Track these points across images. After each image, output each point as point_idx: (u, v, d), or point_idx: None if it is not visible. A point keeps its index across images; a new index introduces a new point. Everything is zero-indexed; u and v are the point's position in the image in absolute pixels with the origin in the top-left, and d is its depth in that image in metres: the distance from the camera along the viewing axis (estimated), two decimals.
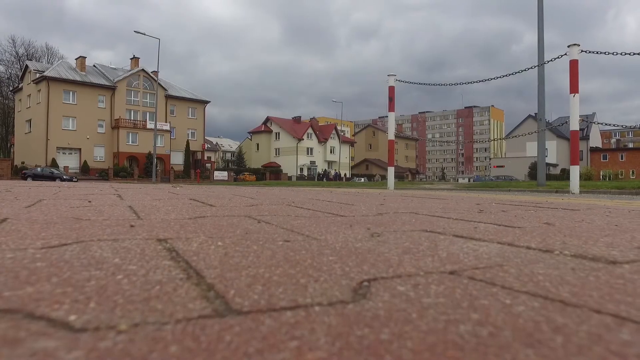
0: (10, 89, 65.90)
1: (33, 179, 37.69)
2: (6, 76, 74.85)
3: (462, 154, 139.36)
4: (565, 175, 45.19)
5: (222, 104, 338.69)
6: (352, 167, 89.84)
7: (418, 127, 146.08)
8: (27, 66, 54.52)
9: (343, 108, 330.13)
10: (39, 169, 38.21)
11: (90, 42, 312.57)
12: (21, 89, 56.22)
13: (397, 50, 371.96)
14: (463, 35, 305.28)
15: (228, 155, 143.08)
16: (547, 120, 64.28)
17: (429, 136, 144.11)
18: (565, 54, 4.20)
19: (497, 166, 64.98)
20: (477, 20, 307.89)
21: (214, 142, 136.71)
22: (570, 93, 3.13)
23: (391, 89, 4.28)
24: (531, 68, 7.20)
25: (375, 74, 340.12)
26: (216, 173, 55.32)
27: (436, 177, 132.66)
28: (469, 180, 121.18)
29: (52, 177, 37.34)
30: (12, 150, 59.21)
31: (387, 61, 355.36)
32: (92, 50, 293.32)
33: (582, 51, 3.71)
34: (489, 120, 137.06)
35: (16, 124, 58.86)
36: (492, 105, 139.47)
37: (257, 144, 77.11)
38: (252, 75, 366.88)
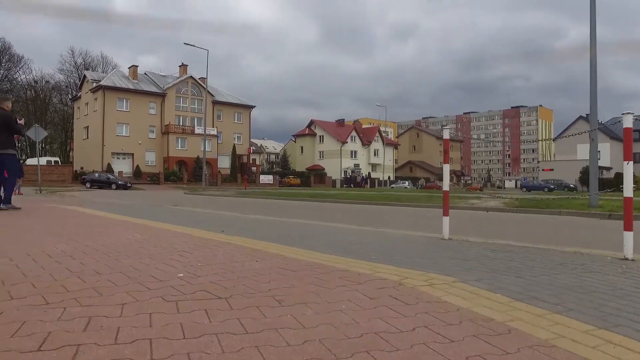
0: (70, 97, 69.35)
1: (91, 184, 39.84)
2: (65, 84, 78.96)
3: (509, 155, 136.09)
4: (619, 180, 43.58)
5: (264, 106, 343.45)
6: (396, 170, 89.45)
7: (463, 127, 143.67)
8: (85, 76, 57.25)
9: (382, 108, 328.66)
10: (96, 175, 40.20)
11: (136, 48, 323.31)
12: (79, 97, 59.14)
13: (434, 49, 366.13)
14: (503, 32, 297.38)
15: (272, 157, 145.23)
16: (599, 121, 61.96)
17: (474, 137, 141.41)
18: (619, 121, 4.35)
19: (547, 169, 63.16)
20: (518, 15, 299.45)
21: (259, 145, 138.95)
22: (625, 160, 3.33)
23: (446, 142, 4.52)
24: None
25: (414, 73, 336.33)
26: (262, 177, 56.43)
27: (482, 178, 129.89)
28: (516, 185, 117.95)
29: (108, 183, 39.26)
30: (71, 155, 62.29)
31: (425, 61, 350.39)
32: (138, 55, 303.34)
33: (636, 118, 3.90)
34: (537, 120, 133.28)
35: (75, 130, 62.00)
36: (541, 105, 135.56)
37: (302, 147, 78.01)
38: (292, 77, 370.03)
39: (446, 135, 4.85)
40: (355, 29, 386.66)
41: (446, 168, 4.79)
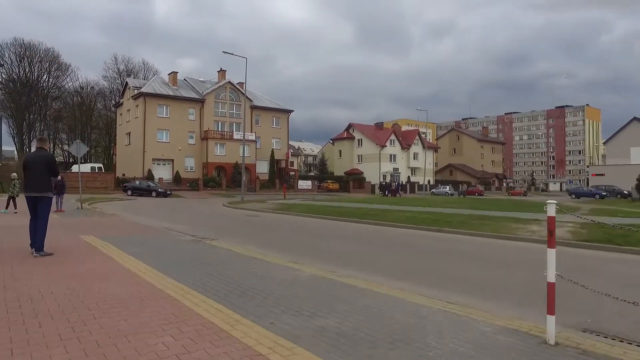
0: (113, 103, 70.84)
1: (132, 192, 40.18)
2: (109, 90, 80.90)
3: (553, 157, 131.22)
4: None
5: (300, 106, 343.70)
6: (436, 173, 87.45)
7: (504, 128, 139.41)
8: (127, 83, 58.20)
9: (418, 107, 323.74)
10: (137, 182, 40.57)
11: (175, 51, 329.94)
12: (122, 104, 60.18)
13: (472, 47, 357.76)
14: (545, 28, 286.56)
15: (310, 159, 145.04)
16: None
17: (516, 138, 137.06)
18: None
19: (596, 174, 60.19)
20: (560, 10, 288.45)
21: (296, 147, 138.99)
22: None
23: (551, 221, 3.53)
24: None
25: (451, 72, 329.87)
26: (300, 182, 55.93)
27: (524, 181, 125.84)
28: (561, 188, 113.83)
29: (148, 190, 39.52)
30: (114, 159, 63.48)
31: (463, 59, 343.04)
32: (177, 58, 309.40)
33: None
34: (584, 120, 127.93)
35: (118, 136, 63.20)
36: (587, 105, 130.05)
37: (340, 151, 77.25)
38: (327, 77, 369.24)
39: (551, 211, 3.84)
40: (391, 28, 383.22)
41: (551, 254, 3.72)
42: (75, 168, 52.70)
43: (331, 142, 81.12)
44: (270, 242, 11.05)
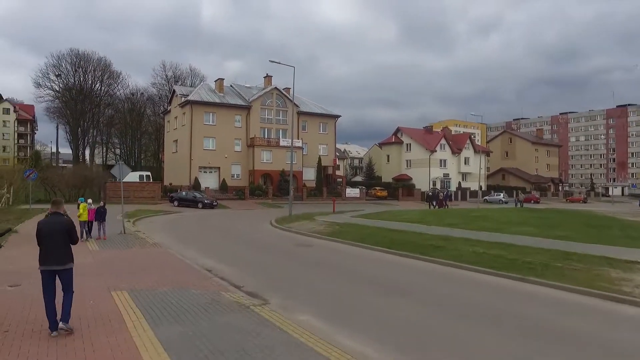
0: (161, 109, 71.57)
1: (179, 203, 39.77)
2: (158, 97, 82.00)
3: (614, 160, 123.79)
4: None
5: (344, 107, 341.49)
6: (488, 177, 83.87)
7: (559, 129, 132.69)
8: (174, 90, 58.35)
9: (465, 106, 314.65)
10: (183, 193, 40.18)
11: (222, 55, 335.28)
12: (169, 111, 60.44)
13: (520, 43, 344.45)
14: (598, 20, 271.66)
15: (356, 162, 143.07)
16: None
17: (572, 139, 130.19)
18: None
19: None
20: (613, 1, 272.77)
21: (342, 149, 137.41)
22: None
23: None
24: None
25: (498, 69, 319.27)
26: (348, 190, 54.39)
27: (582, 185, 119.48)
28: (622, 192, 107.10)
29: (194, 202, 38.99)
30: (162, 167, 63.89)
31: (511, 55, 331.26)
32: (224, 61, 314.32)
33: None
34: None
35: (165, 144, 63.61)
36: None
37: (388, 156, 75.16)
38: (372, 77, 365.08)
39: None
40: (435, 26, 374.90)
41: None
42: (127, 178, 53.31)
43: (378, 145, 79.05)
44: (334, 302, 9.57)
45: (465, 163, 73.70)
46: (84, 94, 77.20)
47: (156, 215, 30.86)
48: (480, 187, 74.62)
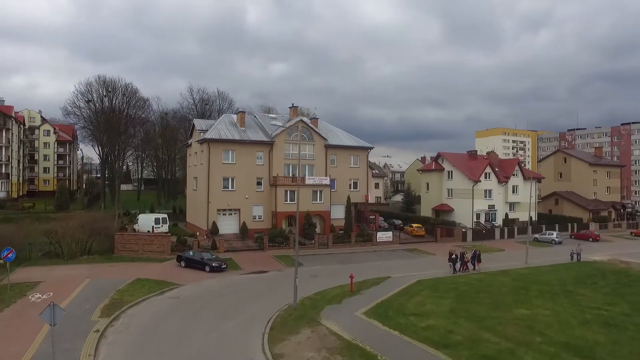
0: (185, 139, 68.86)
1: (186, 264, 36.07)
2: (187, 120, 79.70)
3: None
4: None
5: (390, 107, 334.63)
6: (539, 203, 76.52)
7: (621, 142, 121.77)
8: (193, 125, 55.12)
9: (514, 105, 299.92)
10: (190, 253, 36.49)
11: (266, 57, 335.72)
12: (190, 145, 57.30)
13: (572, 37, 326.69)
14: None
15: (397, 176, 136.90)
16: None
17: (636, 153, 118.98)
18: None
19: None
20: None
21: (382, 164, 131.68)
22: None
23: None
24: None
25: (549, 66, 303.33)
26: (379, 234, 49.27)
27: None
28: None
29: (202, 264, 35.17)
30: (185, 203, 60.89)
31: (562, 51, 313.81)
32: (269, 63, 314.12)
33: None
34: None
35: (187, 178, 60.57)
36: None
37: (427, 183, 69.39)
38: (416, 77, 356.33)
39: None
40: (481, 23, 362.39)
41: None
42: (142, 219, 50.43)
43: (419, 171, 73.41)
44: None
45: (513, 192, 66.95)
46: (113, 118, 75.66)
47: (146, 299, 27.00)
48: (531, 218, 67.59)
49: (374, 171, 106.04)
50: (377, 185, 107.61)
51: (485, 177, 63.89)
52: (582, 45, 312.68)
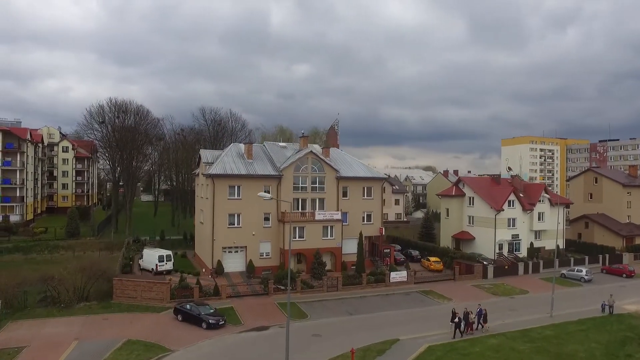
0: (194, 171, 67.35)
1: (183, 317, 34.08)
2: (203, 140, 78.33)
3: None
4: None
5: (414, 107, 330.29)
6: (567, 227, 72.40)
7: None
8: (200, 156, 53.30)
9: (540, 105, 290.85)
10: (188, 306, 34.37)
11: (289, 58, 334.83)
12: (198, 175, 55.54)
13: (602, 35, 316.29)
14: None
15: (419, 189, 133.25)
16: None
17: None
18: None
19: None
20: None
21: (402, 178, 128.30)
22: None
23: None
24: None
25: (577, 64, 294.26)
26: (393, 275, 46.31)
27: None
28: None
29: (198, 319, 33.08)
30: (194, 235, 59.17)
31: (591, 49, 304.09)
32: (292, 65, 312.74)
33: None
34: None
35: (195, 209, 58.84)
36: None
37: (447, 209, 66.07)
38: (440, 76, 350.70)
39: None
40: (506, 22, 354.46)
41: None
42: (147, 255, 48.80)
43: (438, 195, 70.16)
44: None
45: (539, 219, 63.16)
46: (127, 137, 74.62)
47: None
48: (558, 247, 63.76)
49: (394, 187, 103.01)
50: (397, 202, 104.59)
51: (509, 205, 60.33)
52: (611, 42, 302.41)
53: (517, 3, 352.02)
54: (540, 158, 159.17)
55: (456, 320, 31.81)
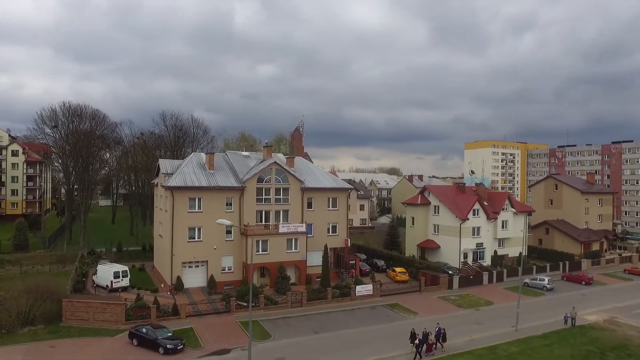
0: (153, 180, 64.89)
1: (139, 342, 32.15)
2: (164, 144, 75.52)
3: None
4: None
5: (378, 108, 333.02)
6: (528, 234, 73.39)
7: (611, 160, 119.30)
8: (159, 165, 51.07)
9: (501, 107, 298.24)
10: (143, 330, 32.41)
11: (254, 59, 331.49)
12: (157, 185, 53.26)
13: (557, 41, 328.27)
14: None
15: (384, 193, 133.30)
16: None
17: (627, 172, 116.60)
18: None
19: None
20: None
21: (367, 182, 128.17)
22: None
23: None
24: None
25: (535, 69, 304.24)
26: (358, 288, 45.34)
27: None
28: None
29: (155, 345, 31.20)
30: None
31: (548, 54, 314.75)
32: (256, 65, 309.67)
33: None
34: None
35: (154, 221, 56.44)
36: None
37: (413, 218, 65.74)
38: (405, 78, 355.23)
39: None
40: (467, 27, 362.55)
41: None
42: (101, 271, 46.13)
43: (404, 204, 69.85)
44: None
45: (503, 227, 63.69)
46: (82, 142, 71.10)
47: None
48: (520, 254, 64.46)
49: (359, 192, 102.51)
50: (362, 207, 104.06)
51: (474, 214, 60.47)
52: (567, 49, 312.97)
53: (477, 8, 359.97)
54: (501, 162, 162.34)
55: (417, 342, 30.96)
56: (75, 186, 73.77)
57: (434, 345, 31.79)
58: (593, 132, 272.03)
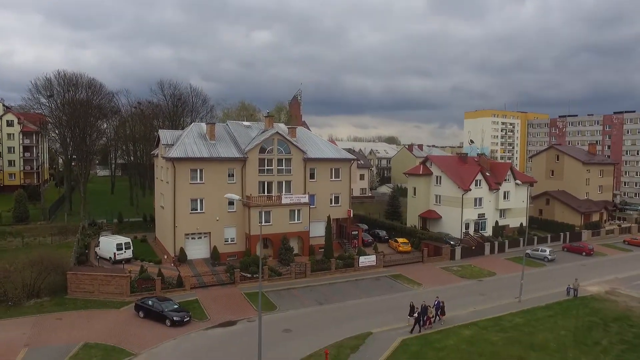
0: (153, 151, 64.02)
1: (145, 314, 32.15)
2: (162, 114, 74.41)
3: None
4: None
5: (376, 77, 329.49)
6: (530, 204, 73.38)
7: (613, 130, 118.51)
8: (159, 136, 50.25)
9: (500, 76, 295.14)
10: (150, 302, 32.36)
11: (249, 25, 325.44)
12: (157, 155, 52.58)
13: (558, 7, 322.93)
14: None
15: (384, 162, 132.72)
16: None
17: (627, 143, 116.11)
18: None
19: None
20: None
21: (366, 152, 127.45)
22: None
23: None
24: None
25: (535, 36, 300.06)
26: (362, 259, 45.43)
27: None
28: None
29: (162, 316, 31.21)
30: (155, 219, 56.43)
31: (547, 21, 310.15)
32: (251, 32, 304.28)
33: None
34: None
35: (155, 192, 55.98)
36: None
37: (414, 188, 65.47)
38: (402, 46, 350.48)
39: None
40: None
41: None
42: (103, 243, 45.95)
43: (406, 175, 69.50)
44: None
45: (504, 197, 63.53)
46: (79, 112, 69.87)
47: None
48: (521, 224, 64.82)
49: (359, 162, 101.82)
50: (362, 177, 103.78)
51: (476, 185, 60.21)
52: (567, 16, 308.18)
53: None
54: (501, 131, 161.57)
55: (415, 315, 31.01)
56: (73, 157, 72.81)
57: (433, 319, 31.87)
58: (593, 102, 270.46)
